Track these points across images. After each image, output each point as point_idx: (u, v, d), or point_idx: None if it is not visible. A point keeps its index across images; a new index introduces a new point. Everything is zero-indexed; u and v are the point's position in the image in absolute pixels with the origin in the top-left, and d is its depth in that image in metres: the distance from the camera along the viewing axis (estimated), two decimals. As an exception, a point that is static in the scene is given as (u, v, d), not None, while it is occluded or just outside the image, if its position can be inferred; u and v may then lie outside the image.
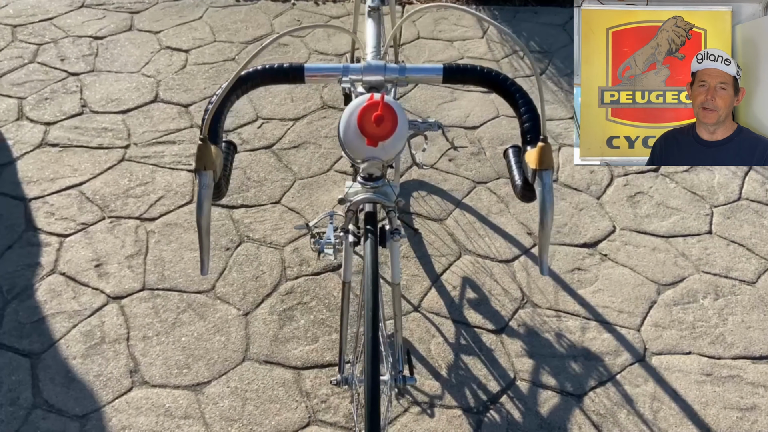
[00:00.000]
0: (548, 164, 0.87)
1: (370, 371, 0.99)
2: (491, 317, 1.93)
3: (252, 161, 2.43)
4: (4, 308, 1.92)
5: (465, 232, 2.18)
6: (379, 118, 0.88)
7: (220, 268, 2.05)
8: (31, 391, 1.72)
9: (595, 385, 1.76)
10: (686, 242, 2.16)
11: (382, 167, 1.12)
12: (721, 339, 1.88)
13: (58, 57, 2.91)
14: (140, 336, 1.86)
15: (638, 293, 2.00)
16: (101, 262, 2.06)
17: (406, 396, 1.73)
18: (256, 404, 1.71)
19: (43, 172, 2.36)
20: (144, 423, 1.67)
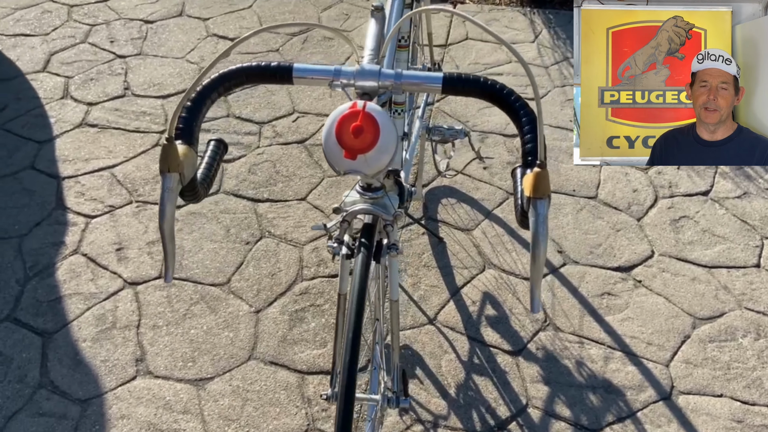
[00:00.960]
0: (543, 192, 0.78)
1: (344, 392, 0.93)
2: (509, 337, 1.83)
3: (283, 155, 2.40)
4: (24, 285, 1.94)
5: (492, 245, 2.09)
6: (357, 129, 0.81)
7: (238, 261, 2.03)
8: (39, 370, 1.74)
9: (613, 421, 1.65)
10: (730, 274, 2.01)
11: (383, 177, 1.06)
12: (757, 383, 1.73)
13: (108, 39, 2.95)
14: (150, 324, 1.85)
15: (671, 325, 1.87)
16: (122, 246, 2.06)
17: (410, 413, 1.66)
18: (255, 406, 1.68)
19: (79, 152, 2.39)
20: (143, 414, 1.66)
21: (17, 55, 2.82)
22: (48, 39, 2.92)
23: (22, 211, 2.16)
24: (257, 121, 2.53)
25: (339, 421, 0.92)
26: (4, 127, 2.48)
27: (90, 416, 1.65)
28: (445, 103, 2.63)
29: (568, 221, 2.17)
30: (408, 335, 1.84)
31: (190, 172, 0.86)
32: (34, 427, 1.62)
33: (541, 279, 0.83)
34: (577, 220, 2.17)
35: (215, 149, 0.96)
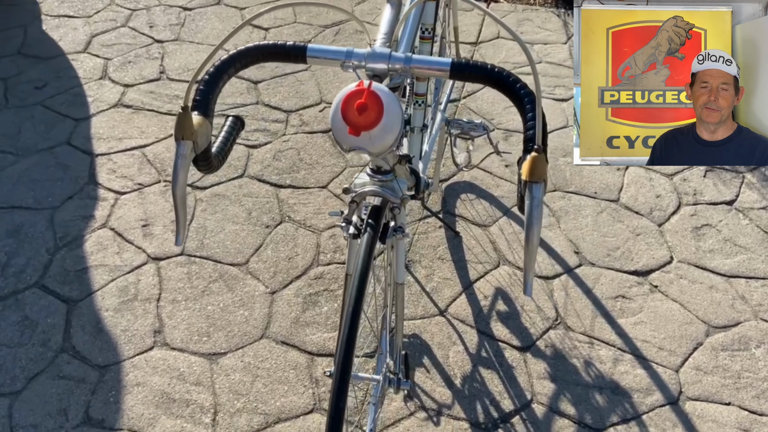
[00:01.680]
0: (539, 176, 0.80)
1: (340, 367, 0.96)
2: (519, 333, 1.85)
3: (307, 143, 2.44)
4: (54, 254, 2.02)
5: (508, 242, 2.10)
6: (361, 107, 0.84)
7: (257, 244, 2.08)
8: (62, 335, 1.81)
9: (617, 422, 1.65)
10: (749, 285, 1.99)
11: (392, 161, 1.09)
12: (767, 394, 1.72)
13: (148, 23, 3.04)
14: (170, 299, 1.91)
15: (684, 332, 1.86)
16: (148, 223, 2.13)
17: (414, 400, 1.69)
18: (265, 382, 1.72)
19: (113, 131, 2.47)
20: (157, 383, 1.72)
21: (60, 35, 2.92)
22: (90, 21, 3.02)
23: (56, 185, 2.25)
24: (285, 109, 2.58)
25: (333, 395, 0.95)
26: (44, 103, 2.58)
27: (107, 381, 1.71)
28: (471, 101, 2.64)
29: (587, 223, 2.17)
30: (418, 325, 1.86)
31: (204, 142, 0.90)
32: (54, 388, 1.69)
33: (534, 262, 0.85)
34: (596, 222, 2.17)
35: (233, 125, 1.00)
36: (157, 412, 1.66)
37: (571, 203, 2.24)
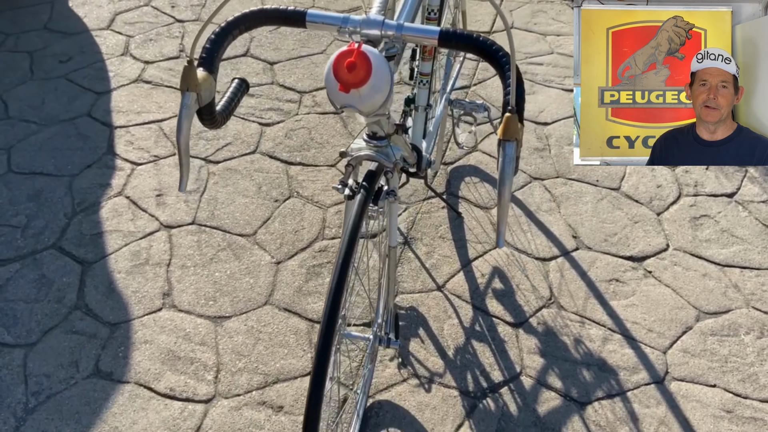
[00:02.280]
0: (511, 135, 0.87)
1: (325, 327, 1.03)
2: (512, 310, 1.91)
3: (319, 123, 2.51)
4: (71, 218, 2.12)
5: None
6: (351, 65, 0.90)
7: (265, 216, 2.16)
8: (76, 294, 1.90)
9: (603, 397, 1.71)
10: (743, 274, 2.03)
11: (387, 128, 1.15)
12: (753, 378, 1.76)
13: (170, 3, 3.13)
14: (180, 264, 2.00)
15: (674, 316, 1.91)
16: (162, 193, 2.22)
17: (408, 367, 1.76)
18: (266, 345, 1.80)
19: (132, 105, 2.56)
20: (164, 341, 1.80)
21: (85, 12, 3.02)
22: (114, 0, 3.11)
23: (76, 154, 2.35)
24: (299, 90, 2.65)
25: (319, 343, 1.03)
26: (68, 77, 2.67)
27: (117, 338, 1.80)
28: (481, 88, 2.70)
29: (587, 209, 2.22)
30: (415, 298, 1.93)
31: (208, 97, 0.97)
32: (67, 342, 1.79)
33: (506, 216, 0.91)
34: (596, 209, 2.22)
35: (238, 86, 1.08)
36: (162, 368, 1.74)
37: (573, 190, 2.29)
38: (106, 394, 1.68)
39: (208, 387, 1.71)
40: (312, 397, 1.04)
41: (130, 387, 1.70)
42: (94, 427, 1.61)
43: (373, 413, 1.66)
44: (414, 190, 2.26)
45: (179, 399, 1.68)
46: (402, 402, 1.69)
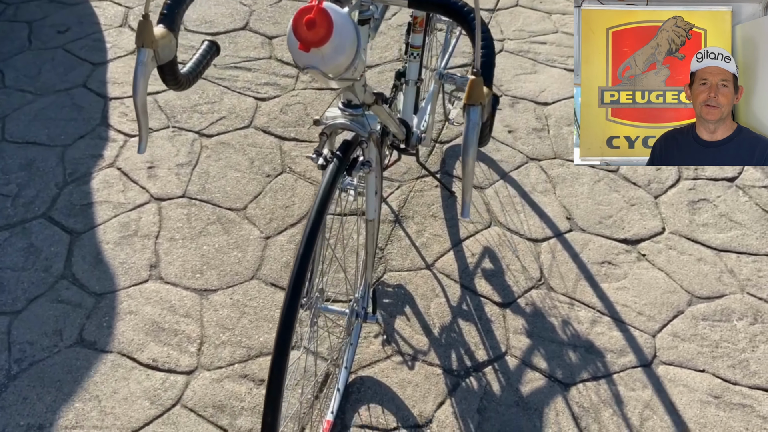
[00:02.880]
0: (476, 99, 0.84)
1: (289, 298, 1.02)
2: (501, 290, 1.88)
3: (315, 99, 2.48)
4: (62, 189, 2.11)
5: (502, 204, 2.13)
6: (310, 22, 0.86)
7: (256, 191, 2.14)
8: (63, 263, 1.90)
9: (587, 378, 1.69)
10: (739, 260, 1.99)
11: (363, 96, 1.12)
12: (743, 365, 1.73)
13: (171, -24, 3.09)
14: (168, 237, 1.99)
15: (666, 300, 1.87)
16: (154, 165, 2.21)
17: (392, 344, 1.74)
18: (251, 319, 1.79)
19: (128, 77, 2.54)
20: (149, 312, 1.80)
21: (85, -17, 3.00)
22: (115, -29, 3.09)
23: (69, 124, 2.34)
24: (296, 64, 2.62)
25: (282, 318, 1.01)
26: (65, 47, 2.66)
27: (102, 308, 1.80)
28: (482, 66, 2.65)
29: (583, 191, 2.18)
30: (404, 276, 1.91)
31: (168, 55, 0.95)
32: (52, 311, 1.79)
33: (471, 186, 0.88)
34: (592, 191, 2.18)
35: (207, 49, 1.05)
36: (146, 338, 1.74)
37: (570, 171, 2.25)
38: (89, 363, 1.68)
39: (191, 359, 1.70)
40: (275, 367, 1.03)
41: (112, 357, 1.70)
42: (74, 396, 1.61)
43: (355, 389, 1.65)
44: (407, 168, 2.23)
45: (161, 370, 1.68)
46: (384, 378, 1.67)
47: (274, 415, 1.05)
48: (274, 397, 1.04)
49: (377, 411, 1.61)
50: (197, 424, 1.58)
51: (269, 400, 1.04)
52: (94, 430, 1.56)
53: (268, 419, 1.04)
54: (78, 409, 1.59)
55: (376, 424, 1.59)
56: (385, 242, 2.00)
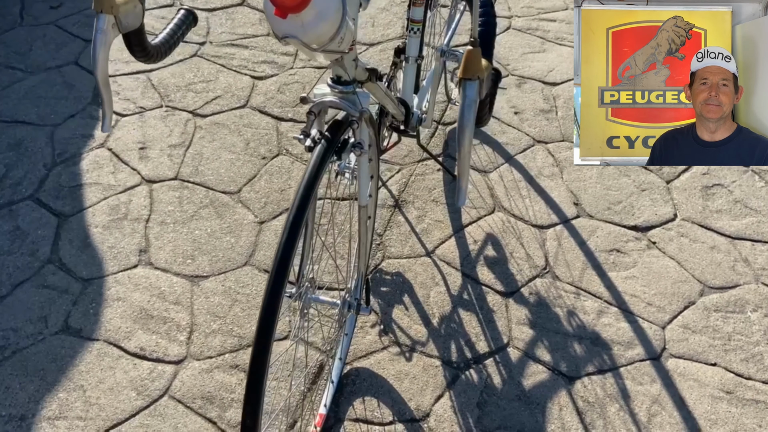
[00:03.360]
0: (473, 73, 0.75)
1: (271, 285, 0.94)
2: (504, 279, 1.81)
3: (314, 78, 2.40)
4: (51, 170, 2.04)
5: (506, 189, 2.04)
6: None
7: (251, 174, 2.06)
8: (50, 247, 1.84)
9: (593, 372, 1.62)
10: (754, 248, 1.90)
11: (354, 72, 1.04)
12: (757, 358, 1.65)
13: (167, -50, 2.99)
14: (159, 220, 1.92)
15: (677, 289, 1.79)
16: (146, 146, 2.13)
17: (389, 335, 1.67)
18: (243, 307, 1.73)
19: (121, 54, 2.45)
20: (137, 299, 1.73)
21: (78, -43, 2.90)
22: (110, -55, 2.99)
23: (60, 103, 2.26)
24: (295, 42, 2.53)
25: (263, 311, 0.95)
26: (57, 23, 2.58)
27: (89, 294, 1.74)
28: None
29: (591, 175, 2.09)
30: (402, 264, 1.83)
31: (133, 23, 0.87)
32: (37, 296, 1.72)
33: (467, 170, 0.80)
34: (601, 175, 2.09)
35: (183, 18, 0.97)
36: (134, 326, 1.68)
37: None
38: (74, 351, 1.62)
39: (180, 348, 1.64)
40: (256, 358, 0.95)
41: (99, 345, 1.64)
42: (58, 385, 1.55)
43: (350, 381, 1.58)
44: (409, 150, 2.15)
45: (149, 359, 1.62)
46: (380, 370, 1.61)
47: (255, 414, 0.98)
48: (254, 401, 0.97)
49: (372, 404, 1.55)
50: (185, 416, 1.52)
51: (249, 399, 0.97)
52: (78, 421, 1.50)
53: (248, 422, 0.97)
54: (62, 399, 1.53)
55: (371, 417, 1.52)
56: (384, 228, 1.92)
